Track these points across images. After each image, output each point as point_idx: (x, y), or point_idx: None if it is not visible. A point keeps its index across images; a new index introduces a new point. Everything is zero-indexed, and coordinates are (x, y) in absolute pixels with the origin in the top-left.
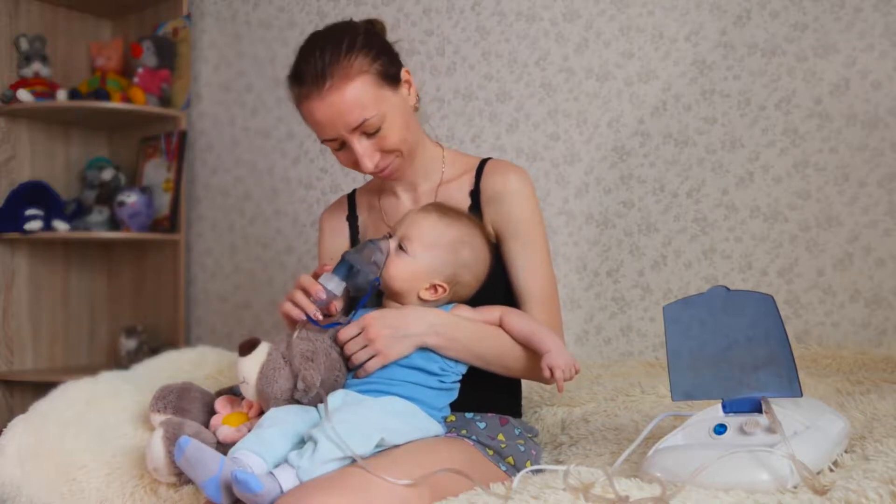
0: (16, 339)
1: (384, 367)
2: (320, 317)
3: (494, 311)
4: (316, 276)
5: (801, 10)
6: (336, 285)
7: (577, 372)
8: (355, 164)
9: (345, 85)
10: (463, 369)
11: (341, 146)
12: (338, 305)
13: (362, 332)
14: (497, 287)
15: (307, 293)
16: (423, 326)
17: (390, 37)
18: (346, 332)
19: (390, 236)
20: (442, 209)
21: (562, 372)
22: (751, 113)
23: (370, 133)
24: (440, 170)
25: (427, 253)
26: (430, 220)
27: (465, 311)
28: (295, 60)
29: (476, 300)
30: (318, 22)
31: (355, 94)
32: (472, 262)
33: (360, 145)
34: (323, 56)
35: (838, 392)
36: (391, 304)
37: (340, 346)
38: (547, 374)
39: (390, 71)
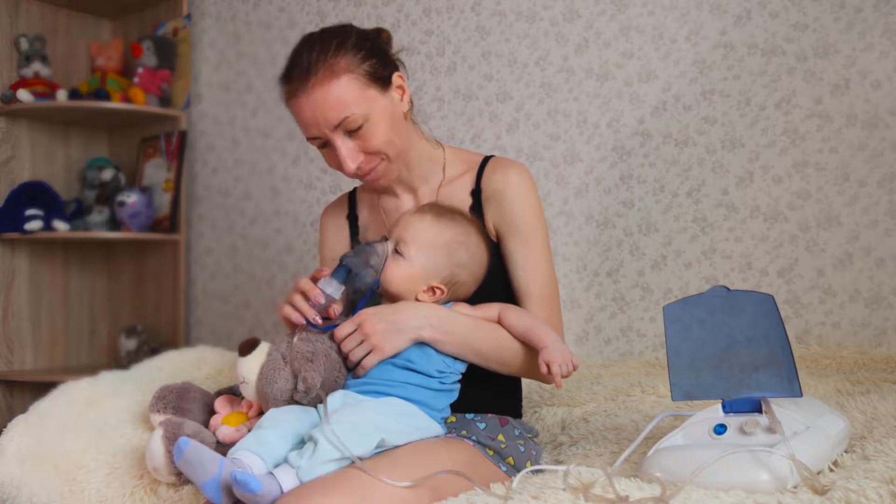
0: (16, 339)
1: (382, 367)
2: (319, 321)
3: (493, 308)
4: (314, 280)
5: (801, 10)
6: (335, 289)
7: (574, 368)
8: (339, 166)
9: (329, 82)
10: (462, 368)
11: (325, 144)
12: (337, 309)
13: (358, 329)
14: (497, 286)
15: (306, 297)
16: (418, 320)
17: (395, 43)
18: (342, 330)
19: (386, 238)
20: (437, 210)
21: (559, 367)
22: (751, 113)
23: (352, 131)
24: (441, 171)
25: (423, 256)
26: (425, 222)
27: (464, 308)
28: (287, 60)
29: (476, 299)
30: (318, 22)
31: (339, 92)
32: (469, 263)
33: (344, 145)
34: (311, 54)
35: (838, 392)
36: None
37: (338, 345)
38: (544, 369)
39: (380, 73)
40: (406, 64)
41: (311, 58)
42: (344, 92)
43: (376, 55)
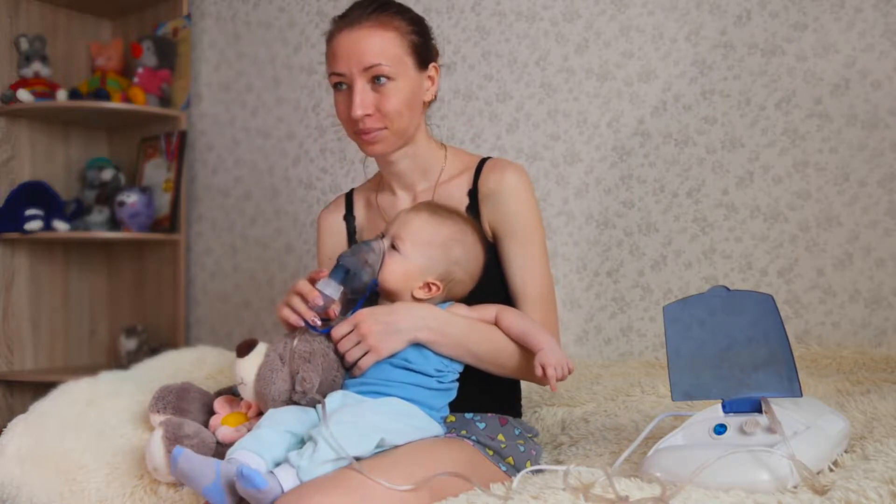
0: (16, 339)
1: (380, 367)
2: (318, 323)
3: (490, 310)
4: (312, 281)
5: (801, 10)
6: (333, 290)
7: (570, 371)
8: (348, 115)
9: (377, 29)
10: (460, 367)
11: (343, 87)
12: (336, 309)
13: (354, 329)
14: (494, 286)
15: (304, 300)
16: (414, 321)
17: None
18: (338, 330)
19: (383, 236)
20: (432, 208)
21: (553, 370)
22: (751, 113)
23: (377, 83)
24: (440, 169)
25: (419, 252)
26: (421, 218)
27: (461, 309)
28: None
29: (473, 299)
30: (318, 21)
31: (382, 42)
32: (465, 260)
33: (363, 90)
34: (372, 5)
35: (838, 392)
36: (385, 303)
37: (335, 345)
38: (539, 372)
39: (421, 51)
40: None
41: (371, 7)
42: (387, 44)
43: (424, 37)
